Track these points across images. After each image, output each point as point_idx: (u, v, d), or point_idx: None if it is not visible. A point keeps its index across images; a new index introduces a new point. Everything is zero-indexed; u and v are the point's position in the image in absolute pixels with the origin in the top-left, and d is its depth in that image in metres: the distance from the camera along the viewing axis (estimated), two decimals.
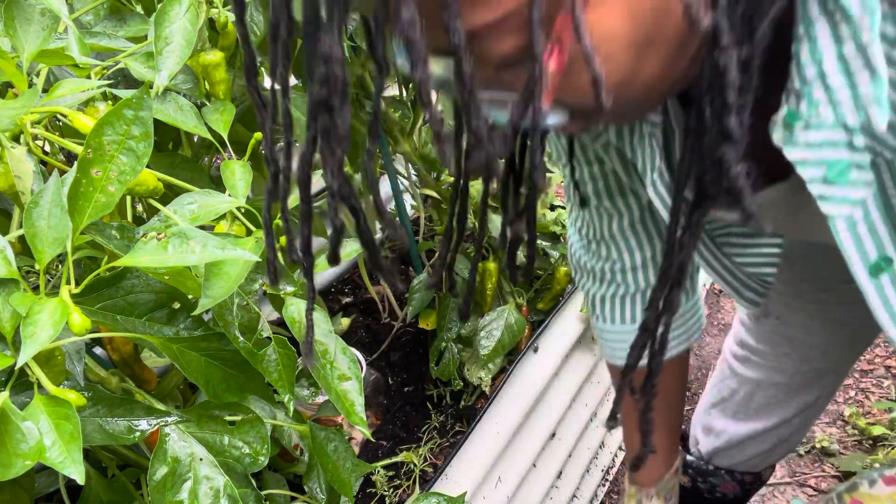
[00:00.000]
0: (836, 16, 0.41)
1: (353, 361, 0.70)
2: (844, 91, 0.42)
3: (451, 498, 0.84)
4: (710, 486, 1.24)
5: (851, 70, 0.41)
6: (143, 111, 0.55)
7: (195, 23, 0.73)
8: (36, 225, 0.53)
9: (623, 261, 0.82)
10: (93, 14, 0.83)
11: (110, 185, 0.55)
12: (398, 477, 1.38)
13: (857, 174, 0.44)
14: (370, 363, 1.62)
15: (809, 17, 0.42)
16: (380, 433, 1.48)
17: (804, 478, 1.79)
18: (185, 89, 0.78)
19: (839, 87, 0.42)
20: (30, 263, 0.65)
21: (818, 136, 0.44)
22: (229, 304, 0.65)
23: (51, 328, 0.50)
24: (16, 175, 0.59)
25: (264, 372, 0.66)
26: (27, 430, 0.49)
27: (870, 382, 2.02)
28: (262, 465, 0.68)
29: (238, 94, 1.04)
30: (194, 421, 0.66)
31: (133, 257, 0.54)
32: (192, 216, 0.64)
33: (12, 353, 0.53)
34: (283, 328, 0.71)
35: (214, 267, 0.60)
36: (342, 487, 0.79)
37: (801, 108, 0.44)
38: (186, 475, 0.63)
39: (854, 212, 0.46)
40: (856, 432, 1.88)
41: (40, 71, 0.70)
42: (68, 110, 0.63)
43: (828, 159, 0.44)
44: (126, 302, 0.60)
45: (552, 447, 1.52)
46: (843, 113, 0.43)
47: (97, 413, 0.60)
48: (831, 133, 0.44)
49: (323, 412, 1.00)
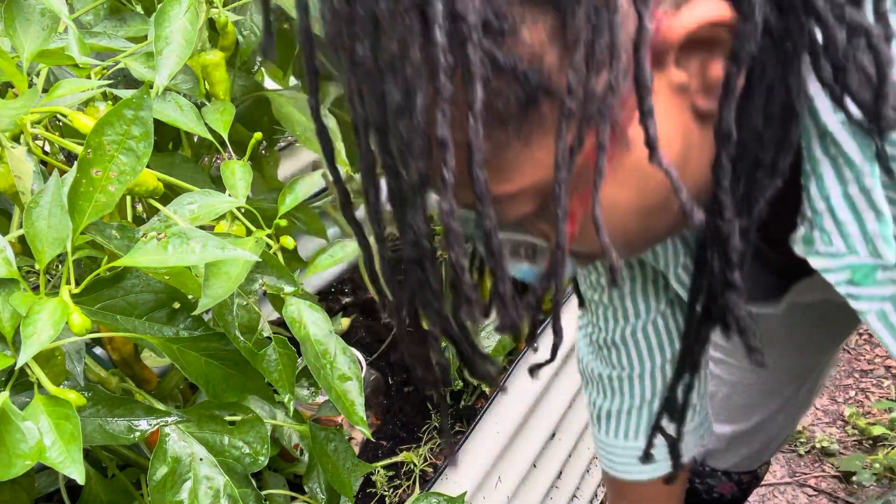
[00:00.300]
0: (839, 160, 0.43)
1: (353, 361, 0.70)
2: (853, 225, 0.45)
3: (451, 498, 0.84)
4: (707, 487, 1.24)
5: (857, 209, 0.44)
6: (143, 111, 0.55)
7: (195, 23, 0.73)
8: (36, 225, 0.53)
9: (633, 367, 0.82)
10: (93, 14, 0.83)
11: (110, 185, 0.55)
12: (398, 477, 1.38)
13: (882, 274, 0.46)
14: (370, 363, 1.62)
15: (814, 155, 0.44)
16: (380, 433, 1.48)
17: (804, 478, 1.79)
18: (185, 89, 0.78)
19: (847, 221, 0.45)
20: (30, 263, 0.65)
21: (834, 249, 0.47)
22: (229, 304, 0.65)
23: (51, 328, 0.50)
24: (16, 175, 0.59)
25: (264, 372, 0.66)
26: (27, 430, 0.49)
27: (870, 382, 2.02)
28: (262, 465, 0.68)
29: (238, 94, 1.04)
30: (194, 421, 0.66)
31: (133, 257, 0.54)
32: (192, 216, 0.64)
33: (12, 353, 0.53)
34: (283, 328, 0.71)
35: (214, 267, 0.60)
36: (342, 487, 0.79)
37: (815, 235, 0.47)
38: (186, 475, 0.63)
39: (884, 305, 0.47)
40: (856, 432, 1.88)
41: (40, 71, 0.70)
42: (68, 110, 0.63)
43: (852, 264, 0.46)
44: (126, 302, 0.60)
45: (552, 447, 1.52)
46: (854, 244, 0.45)
47: (97, 413, 0.60)
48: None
49: (323, 412, 1.00)
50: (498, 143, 0.40)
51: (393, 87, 0.37)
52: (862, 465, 1.75)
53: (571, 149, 0.38)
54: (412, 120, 0.37)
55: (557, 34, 0.37)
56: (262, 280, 0.67)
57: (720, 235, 0.45)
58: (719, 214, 0.44)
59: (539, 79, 0.38)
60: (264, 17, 0.46)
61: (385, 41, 0.36)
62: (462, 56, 0.35)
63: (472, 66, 0.35)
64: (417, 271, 0.43)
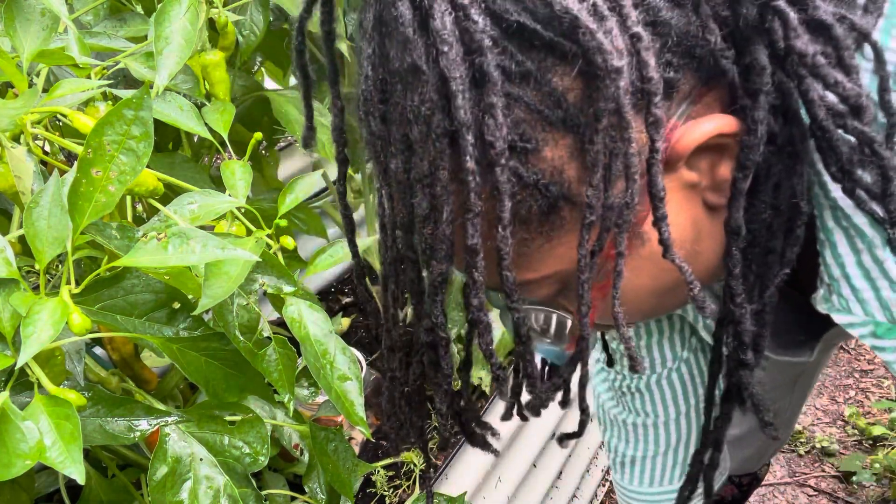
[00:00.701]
0: (850, 231, 0.45)
1: (353, 361, 0.70)
2: (869, 292, 0.47)
3: (451, 498, 0.84)
4: None
5: (872, 276, 0.46)
6: (143, 111, 0.55)
7: (195, 23, 0.73)
8: (36, 225, 0.53)
9: (657, 414, 0.83)
10: (93, 14, 0.83)
11: (110, 185, 0.55)
12: (398, 477, 1.38)
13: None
14: (370, 363, 1.62)
15: (827, 226, 0.46)
16: (380, 433, 1.48)
17: (804, 478, 1.79)
18: (185, 89, 0.78)
19: (863, 288, 0.47)
20: (30, 263, 0.65)
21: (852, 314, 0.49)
22: (229, 304, 0.65)
23: (51, 328, 0.50)
24: (16, 175, 0.59)
25: (264, 372, 0.66)
26: (27, 430, 0.49)
27: (870, 382, 2.02)
28: (262, 465, 0.68)
29: (238, 94, 1.04)
30: (194, 421, 0.66)
31: (133, 257, 0.54)
32: (192, 216, 0.64)
33: (12, 353, 0.53)
34: (283, 328, 0.71)
35: (214, 267, 0.60)
36: (342, 487, 0.79)
37: (833, 300, 0.49)
38: (186, 475, 0.63)
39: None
40: (856, 432, 1.88)
41: (40, 71, 0.69)
42: (68, 110, 0.63)
43: (874, 320, 0.48)
44: (126, 302, 0.60)
45: (552, 447, 1.52)
46: (871, 311, 0.47)
47: (97, 413, 0.60)
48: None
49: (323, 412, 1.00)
50: (521, 240, 0.43)
51: (422, 199, 0.40)
52: (862, 465, 1.75)
53: (592, 253, 0.41)
54: (438, 229, 0.40)
55: (577, 152, 0.40)
56: (262, 280, 0.67)
57: (733, 318, 0.47)
58: (731, 300, 0.46)
59: (560, 190, 0.41)
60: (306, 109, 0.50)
61: (416, 161, 0.39)
62: (491, 177, 0.38)
63: (500, 185, 0.38)
64: (431, 354, 0.47)
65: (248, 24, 0.94)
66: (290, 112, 0.95)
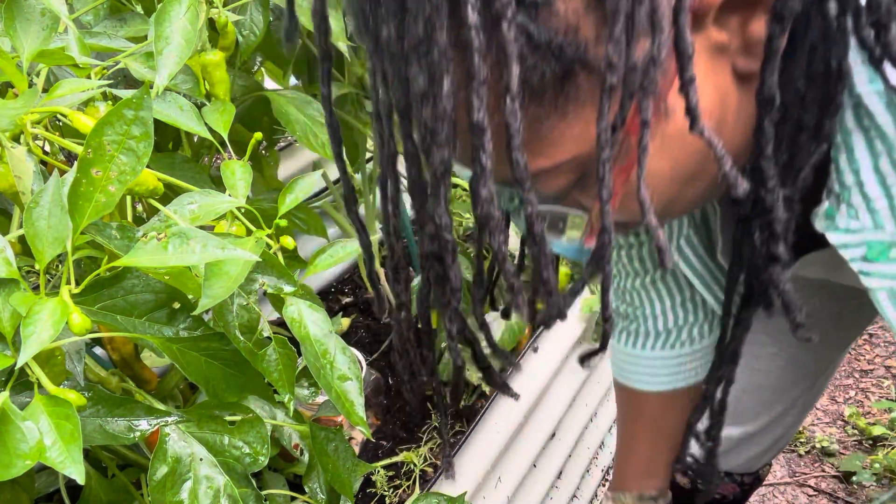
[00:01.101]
0: (871, 132, 0.42)
1: (353, 361, 0.70)
2: (882, 201, 0.43)
3: (451, 498, 0.84)
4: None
5: (888, 183, 0.42)
6: (143, 111, 0.55)
7: (195, 23, 0.73)
8: (36, 225, 0.53)
9: (644, 308, 0.82)
10: (93, 14, 0.83)
11: (110, 185, 0.55)
12: (398, 477, 1.38)
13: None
14: (370, 363, 1.62)
15: (846, 127, 0.43)
16: (380, 433, 1.48)
17: (804, 478, 1.79)
18: (185, 89, 0.78)
19: (877, 196, 0.43)
20: (30, 263, 0.65)
21: (858, 224, 0.45)
22: (229, 304, 0.65)
23: (51, 328, 0.50)
24: (16, 175, 0.59)
25: (264, 372, 0.66)
26: (27, 430, 0.49)
27: (870, 382, 2.02)
28: (262, 465, 0.68)
29: (238, 94, 1.04)
30: (194, 421, 0.66)
31: (133, 257, 0.54)
32: (192, 216, 0.64)
33: (12, 353, 0.53)
34: (283, 328, 0.71)
35: (214, 267, 0.60)
36: (342, 487, 0.79)
37: (841, 210, 0.45)
38: (186, 475, 0.63)
39: (895, 284, 0.46)
40: (856, 432, 1.88)
41: (40, 71, 0.69)
42: (68, 110, 0.63)
43: (869, 240, 0.45)
44: (126, 302, 0.60)
45: (552, 447, 1.52)
46: (882, 220, 0.44)
47: (97, 413, 0.60)
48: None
49: (323, 412, 1.00)
50: (533, 119, 0.38)
51: (417, 71, 0.35)
52: (862, 465, 1.75)
53: (614, 126, 0.37)
54: (437, 106, 0.35)
55: (593, 4, 0.35)
56: (262, 280, 0.67)
57: (763, 206, 0.43)
58: (762, 184, 0.42)
59: (575, 51, 0.36)
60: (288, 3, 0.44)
61: (410, 23, 0.35)
62: (496, 36, 0.34)
63: (507, 46, 0.34)
64: (436, 266, 0.41)
65: (248, 24, 0.94)
66: (290, 112, 0.95)
